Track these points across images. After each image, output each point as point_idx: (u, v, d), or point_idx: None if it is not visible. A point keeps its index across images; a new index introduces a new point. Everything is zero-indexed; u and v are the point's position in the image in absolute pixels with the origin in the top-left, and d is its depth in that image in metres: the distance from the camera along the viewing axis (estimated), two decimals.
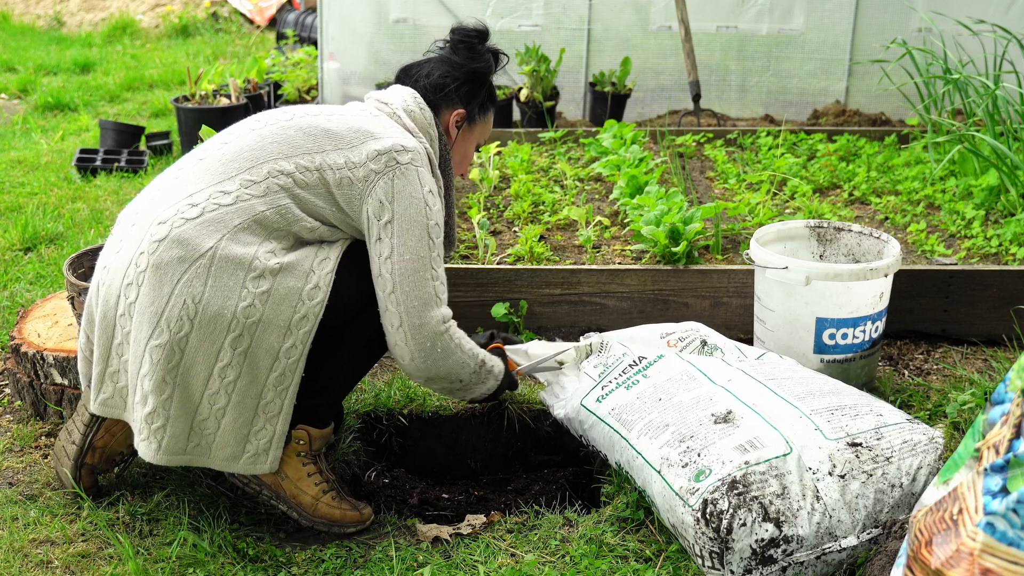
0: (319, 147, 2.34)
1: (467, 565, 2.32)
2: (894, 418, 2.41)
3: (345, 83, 6.48)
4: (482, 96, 2.65)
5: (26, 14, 10.63)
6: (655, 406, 2.50)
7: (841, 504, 2.19)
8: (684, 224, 3.60)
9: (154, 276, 2.19)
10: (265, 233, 2.27)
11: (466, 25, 2.64)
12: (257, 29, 10.05)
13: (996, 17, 5.53)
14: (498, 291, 3.44)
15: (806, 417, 2.34)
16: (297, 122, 2.39)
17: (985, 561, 1.56)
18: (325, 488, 2.45)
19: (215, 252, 2.20)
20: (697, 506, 2.17)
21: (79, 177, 5.36)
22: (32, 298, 3.70)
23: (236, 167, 2.31)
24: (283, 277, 2.24)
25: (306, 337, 2.26)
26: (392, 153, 2.34)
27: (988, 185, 4.26)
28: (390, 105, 2.52)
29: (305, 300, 2.25)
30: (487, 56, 2.64)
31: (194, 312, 2.18)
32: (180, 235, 2.20)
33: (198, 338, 2.20)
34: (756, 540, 2.12)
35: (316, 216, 2.33)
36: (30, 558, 2.34)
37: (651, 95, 6.44)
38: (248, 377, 2.24)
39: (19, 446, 2.83)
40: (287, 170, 2.31)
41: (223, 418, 2.26)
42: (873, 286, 2.95)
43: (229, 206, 2.25)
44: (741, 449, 2.25)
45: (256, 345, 2.23)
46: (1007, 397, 1.66)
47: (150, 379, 2.21)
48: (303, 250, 2.31)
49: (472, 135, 2.69)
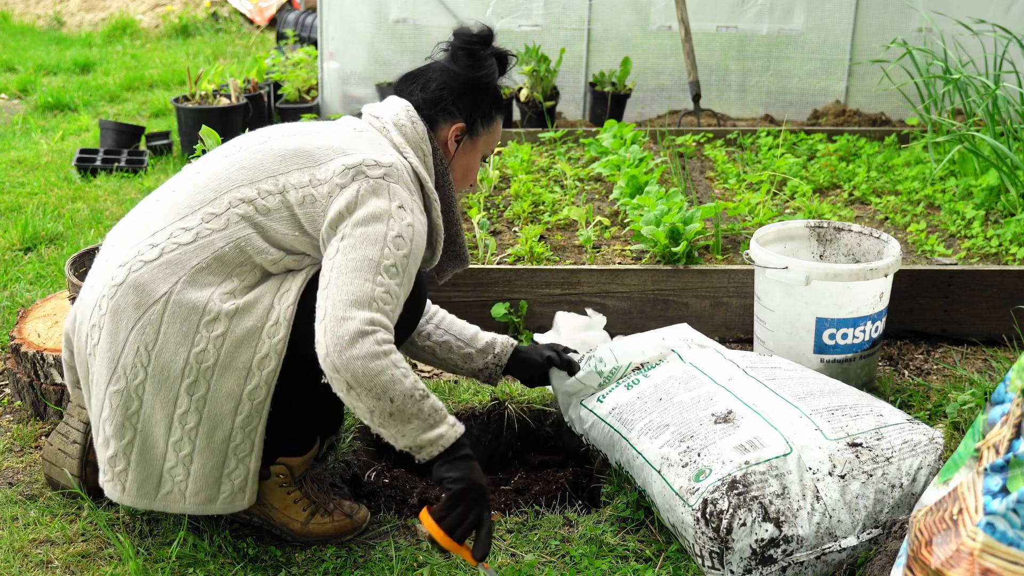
0: (285, 168, 2.23)
1: (467, 565, 2.32)
2: (894, 418, 2.41)
3: (345, 83, 6.48)
4: (485, 105, 2.47)
5: (26, 14, 10.63)
6: (655, 406, 2.50)
7: (841, 504, 2.19)
8: (684, 224, 3.60)
9: (111, 322, 2.15)
10: (225, 271, 2.17)
11: (468, 29, 2.47)
12: (257, 29, 10.05)
13: (996, 17, 5.53)
14: (498, 291, 3.44)
15: (806, 417, 2.34)
16: (271, 145, 2.29)
17: (985, 561, 1.56)
18: (313, 510, 2.42)
19: (169, 298, 2.13)
20: (697, 506, 2.17)
21: (79, 177, 5.36)
22: (32, 298, 3.70)
23: (200, 199, 2.22)
24: (240, 318, 2.14)
25: (270, 377, 2.17)
26: (361, 167, 2.20)
27: (988, 185, 4.26)
28: (380, 119, 2.39)
29: (265, 339, 2.15)
30: (489, 62, 2.46)
31: (147, 360, 2.14)
32: (136, 280, 2.14)
33: (153, 386, 2.15)
34: (756, 540, 2.12)
35: (280, 245, 2.21)
36: (30, 558, 2.34)
37: (651, 95, 6.44)
38: (210, 423, 2.17)
39: (19, 446, 2.83)
40: (248, 196, 2.20)
41: (191, 464, 2.20)
42: (873, 286, 2.95)
43: (188, 244, 2.17)
44: (741, 449, 2.25)
45: (215, 390, 2.16)
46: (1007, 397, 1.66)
47: (110, 423, 2.18)
48: (263, 286, 2.20)
49: (475, 148, 2.50)
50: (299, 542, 2.41)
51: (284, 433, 2.32)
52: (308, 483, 2.47)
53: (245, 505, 2.27)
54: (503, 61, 2.51)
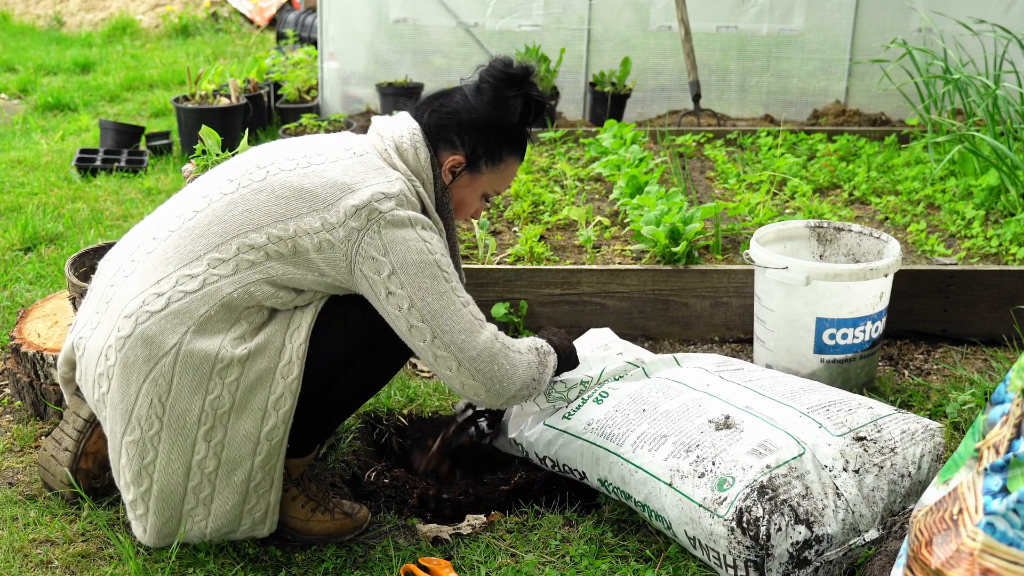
0: (293, 211, 2.18)
1: (467, 565, 2.32)
2: (884, 409, 2.43)
3: (345, 83, 6.48)
4: (495, 145, 2.37)
5: (26, 14, 10.63)
6: (641, 417, 2.43)
7: (860, 498, 2.20)
8: (684, 224, 3.60)
9: (122, 374, 2.15)
10: (234, 317, 2.15)
11: (503, 62, 2.33)
12: (257, 29, 10.05)
13: (996, 17, 5.53)
14: (498, 291, 3.44)
15: (806, 416, 2.34)
16: (270, 182, 2.22)
17: (985, 561, 1.56)
18: (312, 507, 2.42)
19: (179, 349, 2.11)
20: (730, 516, 2.13)
21: (79, 177, 5.36)
22: (32, 298, 3.70)
23: (204, 244, 2.18)
24: (252, 361, 2.14)
25: (287, 416, 2.17)
26: (372, 204, 2.16)
27: (988, 185, 4.26)
28: (384, 140, 2.34)
29: (280, 379, 2.16)
30: (513, 104, 2.33)
31: (161, 411, 2.13)
32: (144, 332, 2.12)
33: (169, 435, 2.15)
34: (792, 543, 2.10)
35: (291, 286, 2.20)
36: (30, 558, 2.34)
37: (651, 95, 6.44)
38: (229, 465, 2.18)
39: (19, 446, 2.82)
40: (258, 243, 2.16)
41: (211, 503, 2.22)
42: (873, 286, 2.95)
43: (195, 292, 2.14)
44: (756, 454, 2.22)
45: (232, 434, 2.16)
46: (1007, 397, 1.66)
47: (128, 471, 2.19)
48: (272, 325, 2.19)
49: (476, 184, 2.42)
50: (300, 540, 2.41)
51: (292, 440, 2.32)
52: (307, 482, 2.47)
53: (266, 533, 2.31)
54: (534, 108, 2.38)
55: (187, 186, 2.40)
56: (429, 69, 6.44)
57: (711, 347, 3.44)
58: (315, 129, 5.54)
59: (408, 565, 2.29)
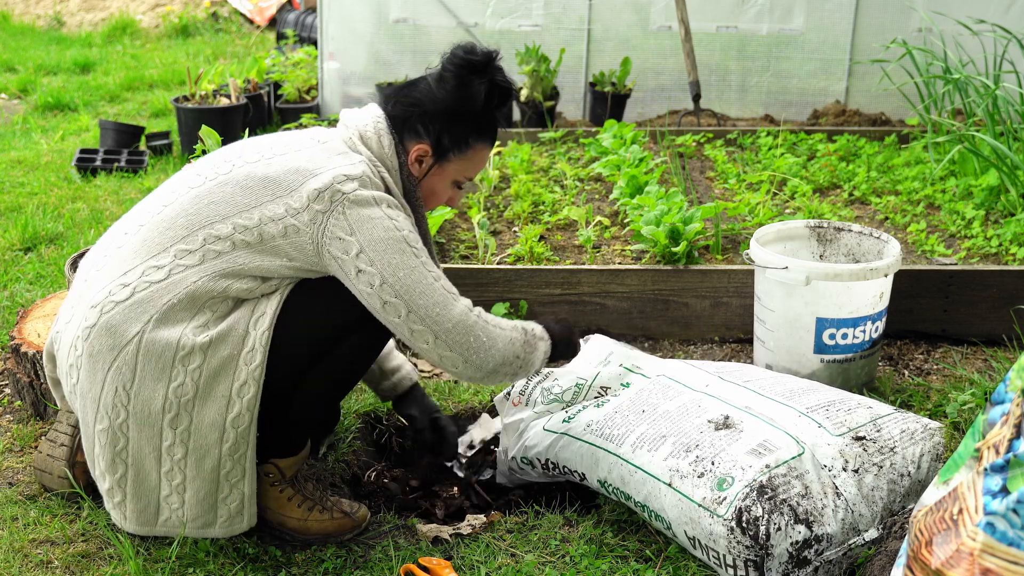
0: (257, 200, 2.20)
1: (467, 565, 2.32)
2: (884, 409, 2.43)
3: (345, 83, 6.48)
4: (461, 132, 2.35)
5: (26, 14, 10.63)
6: (640, 418, 2.44)
7: (859, 498, 2.20)
8: (684, 224, 3.60)
9: (88, 364, 2.17)
10: (197, 306, 2.17)
11: (466, 49, 2.32)
12: (257, 29, 10.05)
13: (996, 17, 5.53)
14: (498, 291, 3.44)
15: (805, 416, 2.34)
16: (235, 174, 2.25)
17: (985, 561, 1.56)
18: (310, 506, 2.42)
19: (141, 337, 2.14)
20: (730, 515, 2.13)
21: (79, 177, 5.36)
22: (32, 298, 3.70)
23: (171, 236, 2.21)
24: (215, 349, 2.15)
25: (252, 403, 2.18)
26: (334, 187, 2.17)
27: (988, 185, 4.26)
28: (348, 128, 2.35)
29: (243, 366, 2.17)
30: (476, 90, 2.32)
31: (127, 399, 2.16)
32: (108, 322, 2.15)
33: (136, 423, 2.17)
34: (791, 543, 2.10)
35: (257, 275, 2.20)
36: (30, 558, 2.34)
37: (651, 95, 6.44)
38: (198, 453, 2.19)
39: (19, 446, 2.83)
40: (224, 233, 2.18)
41: (185, 492, 2.23)
42: (873, 286, 2.95)
43: (160, 282, 2.16)
44: (755, 453, 2.22)
45: (198, 421, 2.17)
46: (1007, 397, 1.66)
47: (102, 459, 2.22)
48: (236, 313, 2.19)
49: (444, 172, 2.40)
50: (298, 540, 2.41)
51: (273, 435, 2.34)
52: (303, 482, 2.47)
53: (245, 527, 2.31)
54: (500, 94, 2.36)
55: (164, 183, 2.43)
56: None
57: (711, 347, 3.44)
58: None
59: (408, 565, 2.29)
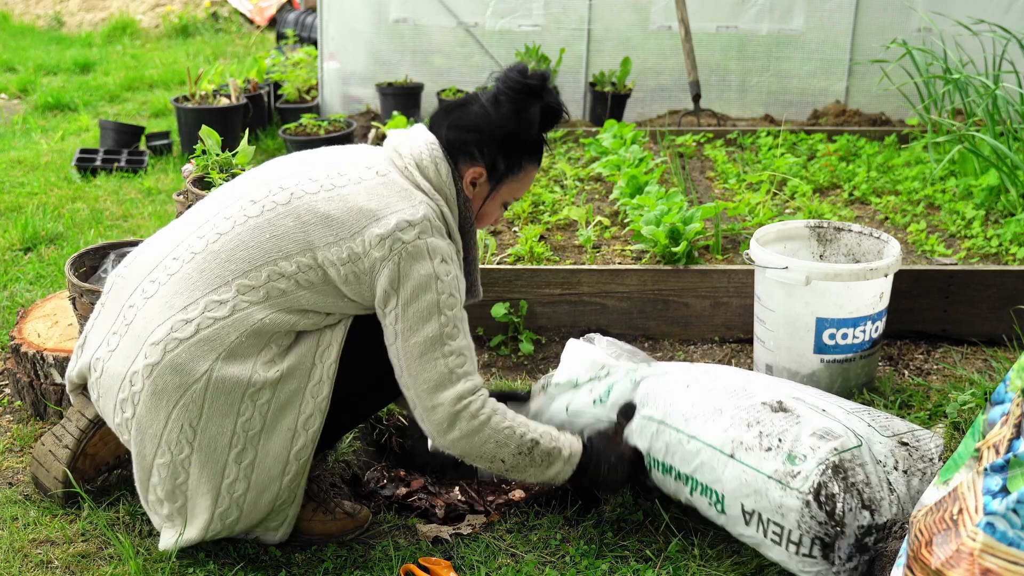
0: (319, 239, 2.18)
1: (467, 565, 2.32)
2: (912, 424, 2.41)
3: (345, 83, 6.48)
4: (515, 155, 2.35)
5: (26, 14, 10.63)
6: (687, 392, 2.37)
7: (908, 499, 2.18)
8: (684, 224, 3.60)
9: (151, 401, 2.15)
10: (263, 342, 2.16)
11: (519, 70, 2.30)
12: (257, 29, 10.05)
13: (996, 17, 5.53)
14: (498, 291, 3.44)
15: (853, 415, 2.31)
16: (295, 207, 2.20)
17: (985, 561, 1.56)
18: (313, 507, 2.43)
19: (210, 376, 2.12)
20: (807, 489, 2.09)
21: (79, 177, 5.36)
22: (32, 298, 3.70)
23: (232, 269, 2.17)
24: (284, 383, 2.16)
25: (315, 435, 2.20)
26: (396, 234, 2.16)
27: (988, 185, 4.26)
28: (403, 158, 2.31)
29: (309, 398, 2.19)
30: (533, 115, 2.31)
31: (192, 436, 2.14)
32: (174, 361, 2.12)
33: (200, 459, 2.16)
34: (858, 527, 2.08)
35: (320, 310, 2.22)
36: (30, 558, 2.34)
37: (651, 95, 6.44)
38: (259, 487, 2.20)
39: (19, 446, 2.82)
40: (288, 272, 2.16)
41: (236, 525, 2.25)
42: (873, 286, 2.95)
43: (224, 319, 2.14)
44: (819, 437, 2.18)
45: (262, 455, 2.18)
46: (1007, 397, 1.66)
47: (161, 489, 2.21)
48: (302, 345, 2.20)
49: (497, 194, 2.41)
50: (301, 540, 2.41)
51: None
52: (308, 483, 2.46)
53: (277, 541, 2.35)
54: (551, 116, 2.36)
55: (205, 201, 2.36)
56: (429, 69, 6.45)
57: (711, 347, 3.44)
58: (315, 128, 5.55)
59: (408, 565, 2.29)
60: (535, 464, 2.28)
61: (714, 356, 3.38)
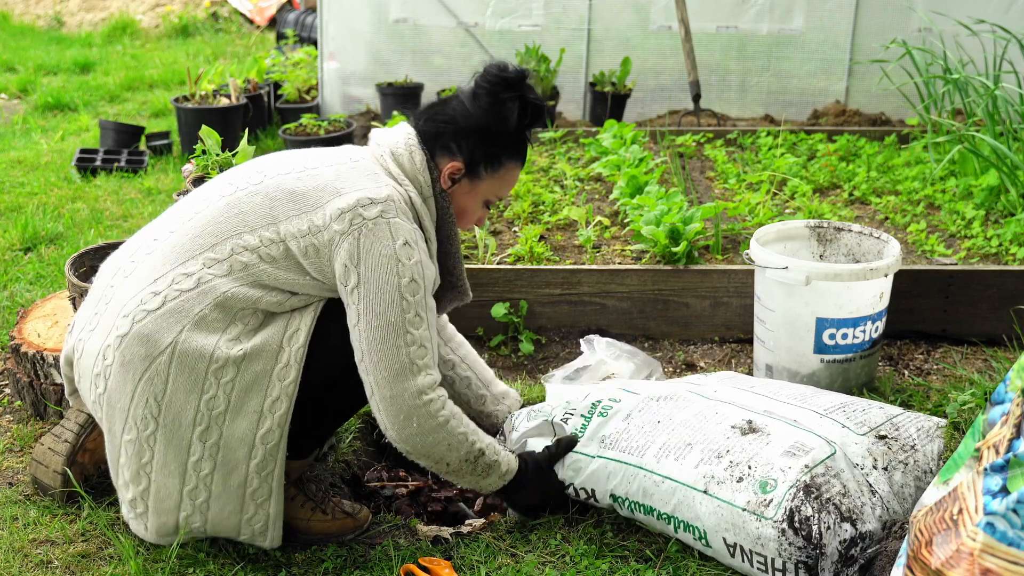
0: (283, 213, 2.20)
1: (467, 565, 2.32)
2: (894, 409, 2.44)
3: (345, 83, 6.48)
4: (493, 150, 2.34)
5: (26, 14, 10.63)
6: (657, 429, 2.37)
7: (892, 495, 2.20)
8: (684, 224, 3.60)
9: (120, 373, 2.15)
10: (229, 318, 2.16)
11: (498, 67, 2.31)
12: (257, 29, 10.05)
13: (996, 17, 5.53)
14: (498, 291, 3.44)
15: (826, 417, 2.32)
16: (266, 185, 2.25)
17: (985, 561, 1.56)
18: (312, 507, 2.42)
19: (175, 346, 2.12)
20: (780, 517, 2.10)
21: (79, 177, 5.36)
22: (32, 298, 3.70)
23: (200, 244, 2.20)
24: (249, 362, 2.14)
25: (283, 420, 2.18)
26: (357, 209, 2.16)
27: (988, 185, 4.26)
28: (380, 146, 2.34)
29: (276, 382, 2.16)
30: (509, 109, 2.30)
31: (157, 411, 2.14)
32: (141, 331, 2.13)
33: (164, 436, 2.15)
34: (840, 541, 2.09)
35: (285, 288, 2.21)
36: (30, 558, 2.34)
37: (651, 95, 6.44)
38: (225, 468, 2.18)
39: (19, 446, 2.83)
40: (251, 245, 2.18)
41: (208, 511, 2.22)
42: (873, 286, 2.95)
43: (191, 291, 2.15)
44: (790, 455, 2.19)
45: (228, 435, 2.16)
46: (1007, 397, 1.66)
47: (127, 469, 2.20)
48: (270, 328, 2.19)
49: (476, 190, 2.38)
50: (300, 540, 2.41)
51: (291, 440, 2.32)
52: (306, 483, 2.47)
53: (268, 547, 2.31)
54: (531, 111, 2.34)
55: (192, 191, 2.41)
56: (429, 69, 6.45)
57: (711, 347, 3.44)
58: (315, 128, 5.55)
59: (408, 565, 2.29)
60: (475, 472, 2.31)
61: (714, 356, 3.38)
